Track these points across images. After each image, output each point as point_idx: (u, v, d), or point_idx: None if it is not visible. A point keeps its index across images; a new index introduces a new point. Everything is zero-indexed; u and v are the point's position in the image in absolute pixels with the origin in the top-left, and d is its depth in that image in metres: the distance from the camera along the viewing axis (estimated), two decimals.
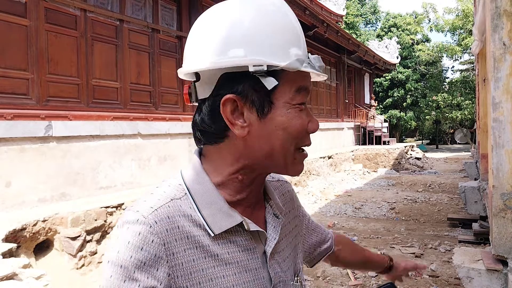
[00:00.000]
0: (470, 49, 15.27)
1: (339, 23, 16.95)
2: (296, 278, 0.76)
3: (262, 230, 0.68)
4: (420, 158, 14.89)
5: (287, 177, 0.84)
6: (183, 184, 0.66)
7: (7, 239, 3.46)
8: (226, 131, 0.64)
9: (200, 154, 0.70)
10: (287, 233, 0.78)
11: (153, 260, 0.57)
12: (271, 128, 0.62)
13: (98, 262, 4.19)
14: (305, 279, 0.83)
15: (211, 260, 0.62)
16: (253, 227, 0.66)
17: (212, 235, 0.62)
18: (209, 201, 0.64)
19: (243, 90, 0.62)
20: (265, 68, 0.59)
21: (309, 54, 0.65)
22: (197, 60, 0.63)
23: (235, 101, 0.62)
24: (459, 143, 29.56)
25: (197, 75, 0.66)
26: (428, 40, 29.18)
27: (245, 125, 0.63)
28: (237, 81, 0.62)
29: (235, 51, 0.60)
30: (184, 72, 0.67)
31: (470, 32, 17.96)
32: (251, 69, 0.60)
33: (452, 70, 31.60)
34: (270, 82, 0.61)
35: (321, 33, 11.97)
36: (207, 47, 0.62)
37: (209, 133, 0.66)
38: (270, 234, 0.70)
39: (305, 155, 0.68)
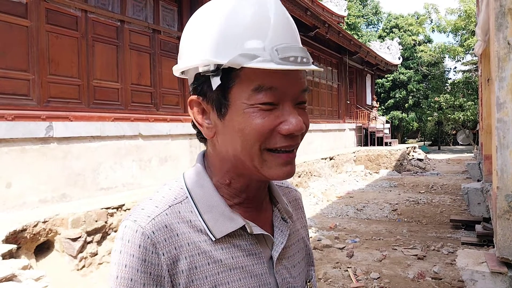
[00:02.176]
0: (472, 50, 15.23)
1: (340, 24, 16.92)
2: (307, 285, 0.74)
3: (267, 233, 0.65)
4: (422, 160, 14.84)
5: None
6: (184, 188, 0.64)
7: (7, 240, 3.44)
8: None
9: (205, 155, 0.69)
10: (298, 239, 0.75)
11: (157, 271, 0.57)
12: (231, 129, 0.59)
13: (99, 264, 4.17)
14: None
15: (215, 266, 0.60)
16: (257, 230, 0.63)
17: (214, 239, 0.61)
18: (211, 204, 0.63)
19: (205, 90, 0.60)
20: (212, 68, 0.57)
21: (283, 45, 0.56)
22: (178, 61, 0.65)
23: (200, 102, 0.62)
24: (461, 144, 29.48)
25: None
26: (430, 41, 29.12)
27: (211, 126, 0.62)
28: (201, 82, 0.61)
29: (192, 52, 0.60)
30: (174, 72, 0.67)
31: (473, 33, 17.93)
32: (200, 69, 0.59)
33: (454, 71, 31.57)
34: (215, 82, 0.58)
35: (322, 34, 11.95)
36: (180, 49, 0.64)
37: (200, 134, 0.66)
38: (277, 239, 0.68)
39: (282, 157, 0.59)
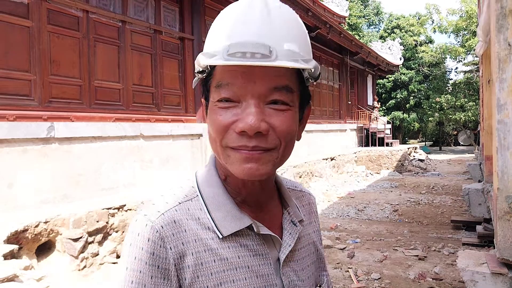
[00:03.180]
0: (474, 50, 15.21)
1: (342, 24, 16.91)
2: None
3: (274, 235, 0.66)
4: (423, 160, 14.81)
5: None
6: (195, 186, 0.66)
7: (9, 241, 3.45)
8: None
9: None
10: (308, 243, 0.76)
11: (164, 264, 0.58)
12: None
13: (100, 264, 4.18)
14: None
15: (221, 264, 0.61)
16: (264, 230, 0.65)
17: (221, 237, 0.62)
18: (219, 203, 0.64)
19: (205, 92, 0.65)
20: (199, 69, 0.62)
21: (238, 42, 0.55)
22: None
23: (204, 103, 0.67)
24: (462, 145, 29.42)
25: None
26: (431, 42, 29.05)
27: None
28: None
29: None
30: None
31: (474, 33, 17.91)
32: (196, 72, 0.65)
33: (456, 72, 31.47)
34: (194, 81, 0.65)
35: (323, 35, 11.93)
36: None
37: None
38: (285, 241, 0.68)
39: (241, 153, 0.58)
